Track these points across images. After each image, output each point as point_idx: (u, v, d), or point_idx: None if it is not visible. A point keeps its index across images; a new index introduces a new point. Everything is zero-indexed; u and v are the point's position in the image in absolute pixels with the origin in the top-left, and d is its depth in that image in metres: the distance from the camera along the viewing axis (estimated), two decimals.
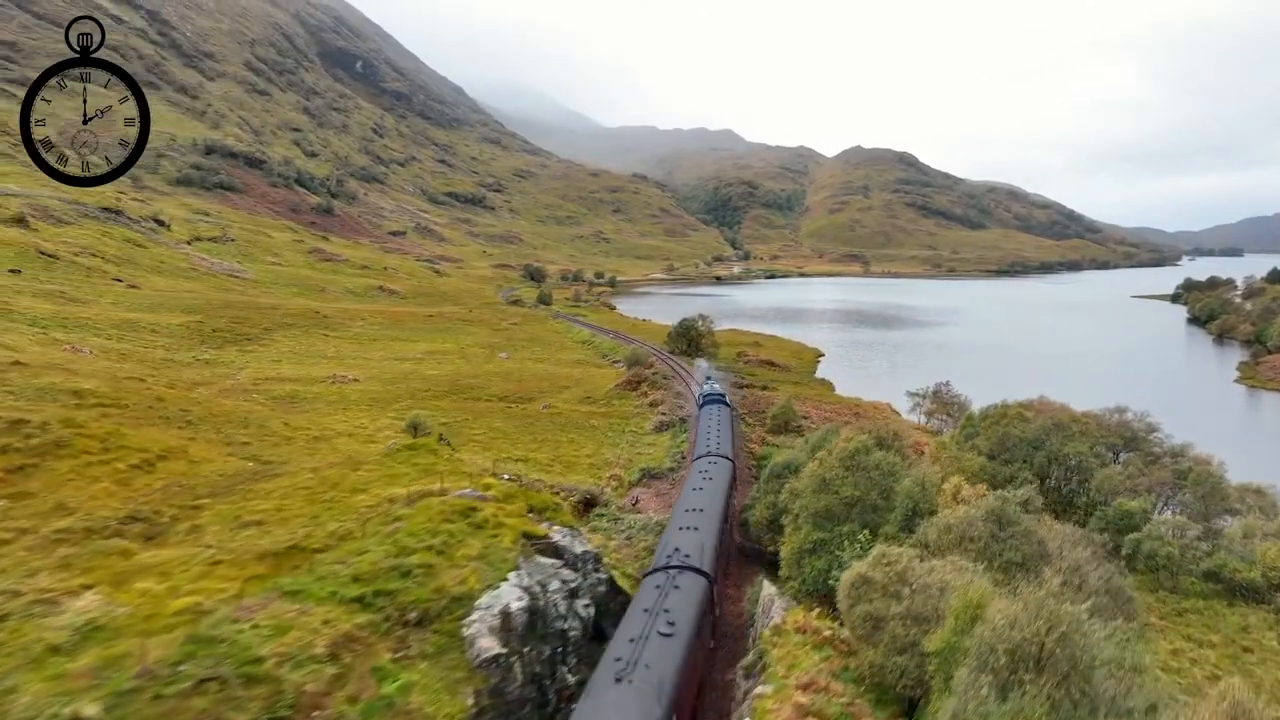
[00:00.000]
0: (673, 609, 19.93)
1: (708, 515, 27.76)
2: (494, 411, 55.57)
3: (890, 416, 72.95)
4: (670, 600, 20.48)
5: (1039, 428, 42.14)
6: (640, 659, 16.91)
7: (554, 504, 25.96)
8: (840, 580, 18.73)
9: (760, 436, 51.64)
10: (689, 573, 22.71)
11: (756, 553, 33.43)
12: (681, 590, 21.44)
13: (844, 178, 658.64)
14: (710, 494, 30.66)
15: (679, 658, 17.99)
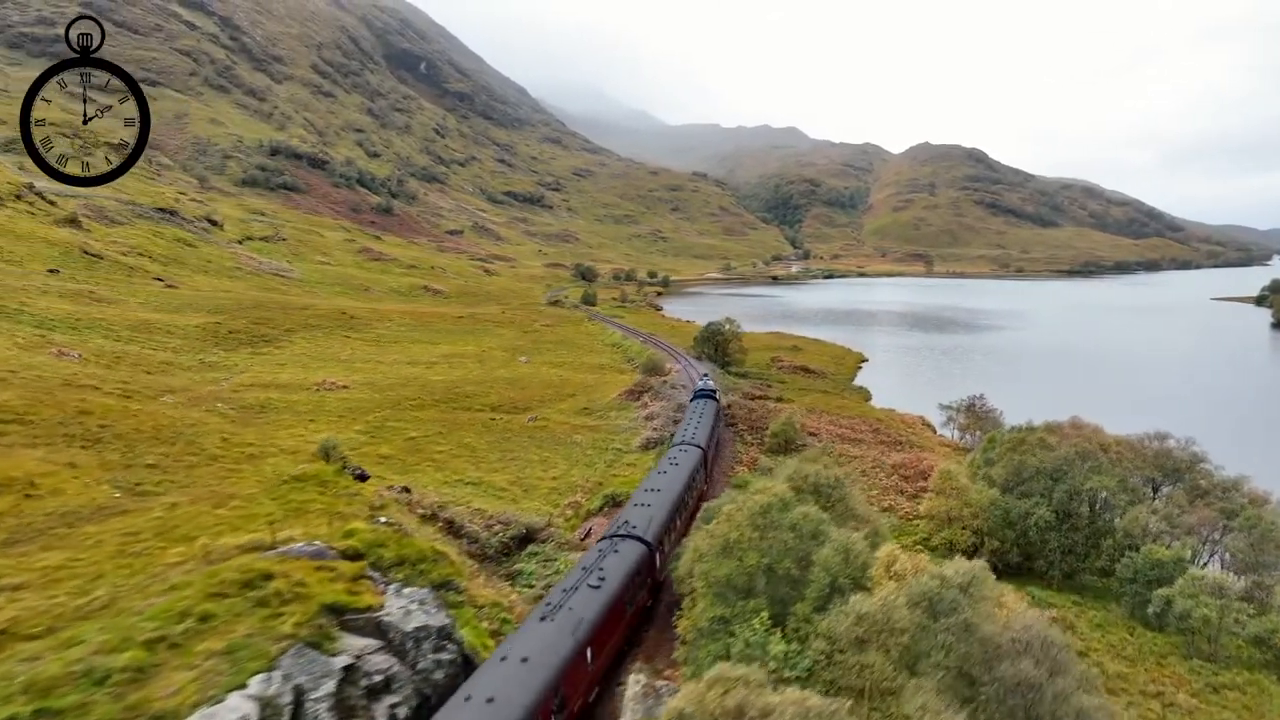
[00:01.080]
0: (606, 568, 23.63)
1: (663, 495, 32.02)
2: (476, 424, 52.02)
3: (920, 432, 67.19)
4: (606, 561, 24.28)
5: (1059, 457, 36.55)
6: (566, 604, 20.77)
7: (429, 555, 22.04)
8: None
9: (752, 459, 46.91)
10: (631, 540, 26.46)
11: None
12: (620, 554, 25.16)
13: (910, 175, 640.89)
14: (672, 478, 34.62)
15: (601, 605, 21.59)
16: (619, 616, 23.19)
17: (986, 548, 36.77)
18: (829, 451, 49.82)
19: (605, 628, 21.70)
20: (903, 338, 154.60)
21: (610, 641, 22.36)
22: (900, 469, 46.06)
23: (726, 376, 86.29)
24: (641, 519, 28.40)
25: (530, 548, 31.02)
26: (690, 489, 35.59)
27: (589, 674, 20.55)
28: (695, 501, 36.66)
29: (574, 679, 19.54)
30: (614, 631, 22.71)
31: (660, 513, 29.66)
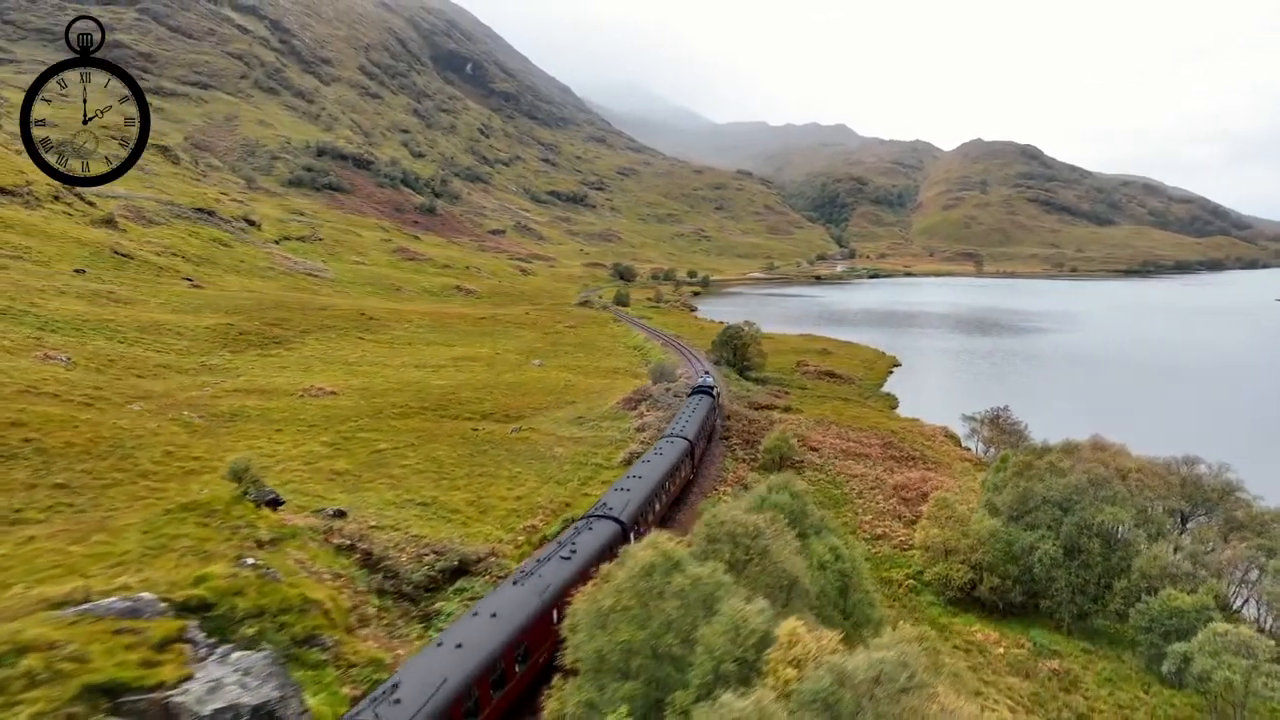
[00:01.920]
0: (578, 543, 26.50)
1: (643, 482, 34.42)
2: (456, 434, 49.35)
3: (939, 446, 62.80)
4: (579, 537, 27.11)
5: (1069, 485, 32.44)
6: (536, 572, 23.61)
7: (296, 605, 19.21)
8: None
9: (738, 477, 43.29)
10: (605, 520, 29.31)
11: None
12: (593, 531, 28.01)
13: (960, 172, 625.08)
14: (654, 466, 36.88)
15: (569, 573, 24.03)
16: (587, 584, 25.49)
17: (986, 584, 32.93)
18: (827, 469, 46.11)
19: (572, 593, 21.91)
20: (941, 340, 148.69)
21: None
22: (902, 490, 42.14)
23: (742, 382, 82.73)
24: (618, 502, 31.56)
25: (461, 582, 28.03)
26: (672, 477, 38.03)
27: (555, 632, 21.69)
28: (678, 489, 39.24)
29: (538, 635, 22.20)
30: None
31: (637, 497, 32.57)
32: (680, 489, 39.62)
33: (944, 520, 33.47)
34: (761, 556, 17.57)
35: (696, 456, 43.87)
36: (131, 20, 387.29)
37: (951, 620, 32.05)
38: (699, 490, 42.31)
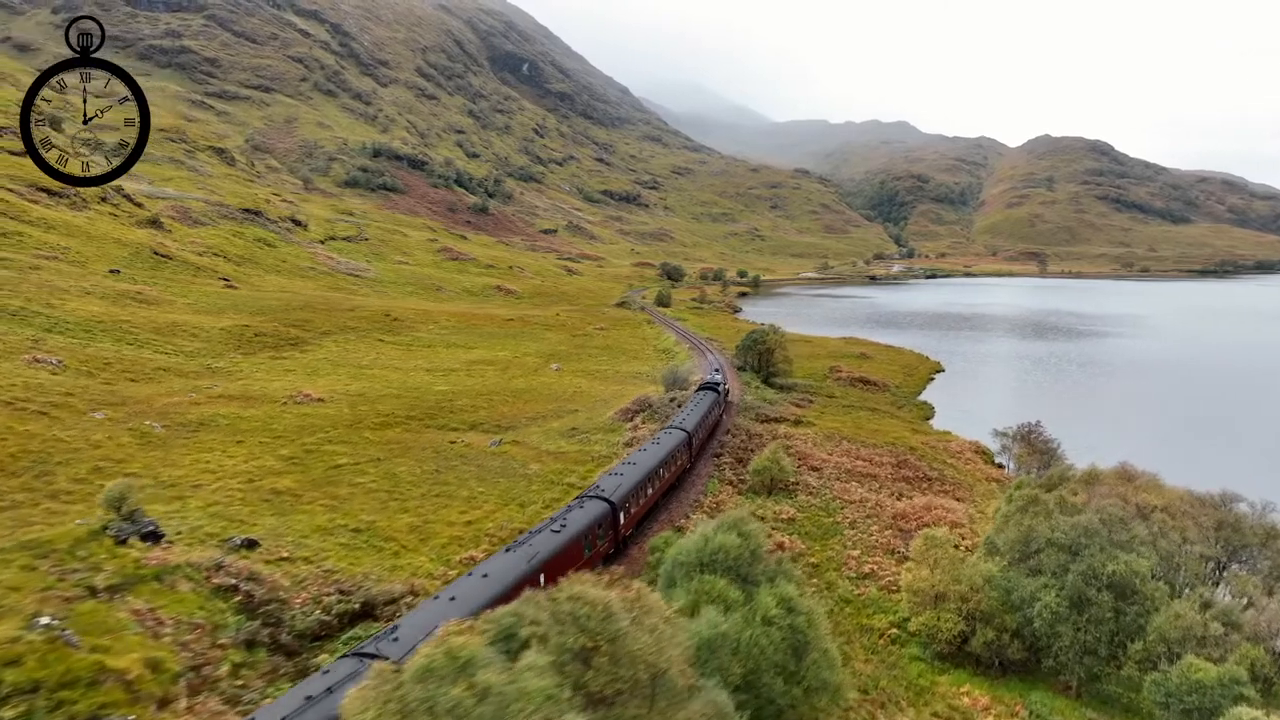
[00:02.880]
0: (569, 519, 29.37)
1: (637, 468, 36.64)
2: (430, 447, 46.49)
3: (967, 464, 57.73)
4: (570, 514, 30.06)
5: (1076, 526, 27.82)
6: (528, 542, 27.23)
7: (85, 677, 16.23)
8: None
9: (716, 503, 39.25)
10: (595, 500, 32.06)
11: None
12: (584, 509, 30.76)
13: (1026, 169, 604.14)
14: (650, 454, 39.32)
15: (558, 545, 27.43)
16: (575, 556, 28.86)
17: (980, 638, 28.52)
18: (823, 493, 41.86)
19: (559, 561, 27.11)
20: (992, 344, 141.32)
21: (564, 573, 24.55)
22: (901, 520, 37.69)
23: (765, 390, 78.45)
24: (610, 484, 34.38)
25: (359, 628, 24.82)
26: (667, 465, 40.73)
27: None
28: (672, 475, 42.21)
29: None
30: (568, 566, 27.01)
31: (629, 481, 35.08)
32: (676, 476, 43.17)
33: (933, 561, 29.15)
34: (612, 643, 13.89)
35: (695, 448, 47.21)
36: (199, 26, 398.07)
37: (936, 680, 27.75)
38: (692, 489, 43.41)
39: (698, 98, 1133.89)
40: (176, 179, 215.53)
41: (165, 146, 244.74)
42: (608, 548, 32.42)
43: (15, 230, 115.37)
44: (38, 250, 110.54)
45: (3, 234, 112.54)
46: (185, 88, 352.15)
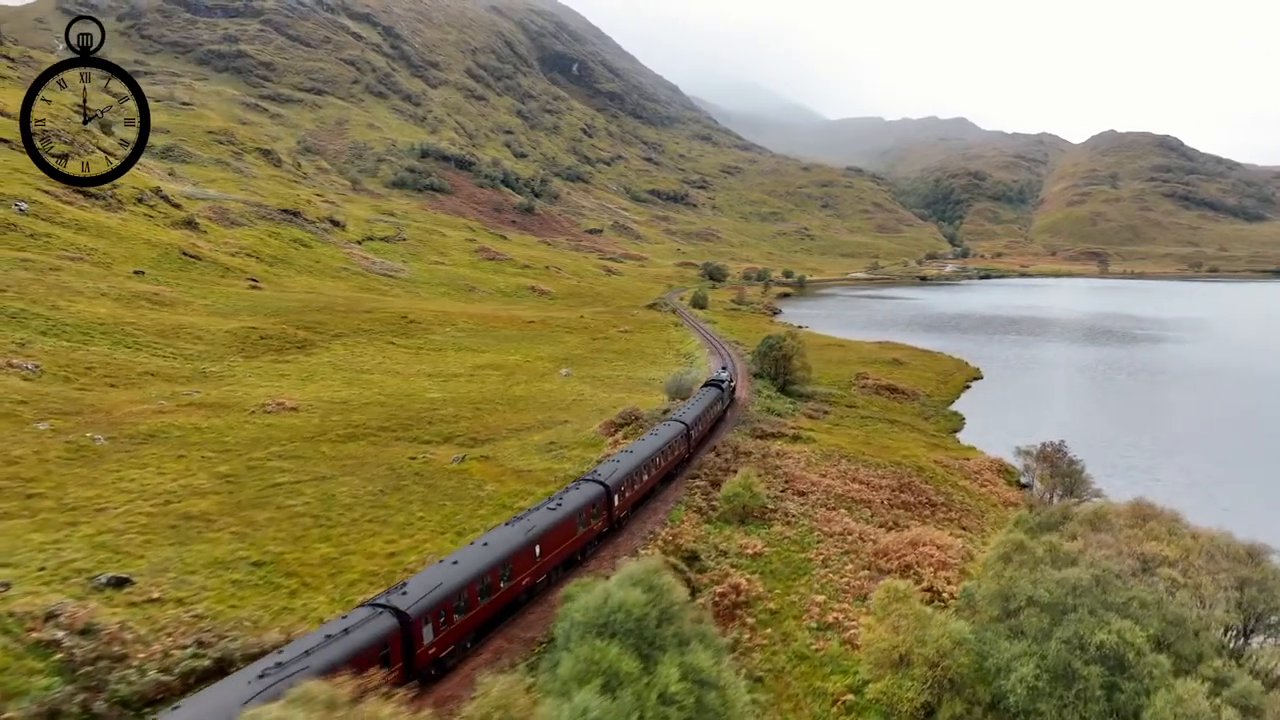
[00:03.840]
0: (564, 499, 33.24)
1: (634, 456, 39.58)
2: (387, 464, 43.47)
3: (984, 486, 52.69)
4: (566, 495, 33.91)
5: (1064, 582, 23.25)
6: (525, 517, 30.90)
7: None
8: None
9: (672, 535, 35.06)
10: (591, 483, 35.56)
11: None
12: (579, 491, 34.52)
13: (1089, 166, 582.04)
14: (647, 444, 42.49)
15: (553, 520, 31.11)
16: (569, 532, 31.95)
17: (946, 711, 24.18)
18: (802, 523, 37.51)
19: (553, 536, 30.59)
20: (1038, 349, 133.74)
21: (559, 547, 31.12)
22: (881, 558, 33.19)
23: (780, 399, 74.02)
24: (606, 470, 37.58)
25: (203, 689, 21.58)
26: (663, 453, 43.57)
27: (536, 563, 29.29)
28: (669, 464, 45.09)
29: (521, 562, 28.34)
30: (562, 541, 31.38)
31: (624, 467, 38.00)
32: (672, 465, 45.85)
33: (894, 619, 24.87)
34: None
35: (694, 440, 50.23)
36: (255, 31, 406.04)
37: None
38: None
39: (752, 96, 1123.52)
40: (220, 180, 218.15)
41: (213, 148, 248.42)
42: (601, 526, 35.54)
43: (45, 232, 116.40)
44: (63, 251, 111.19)
45: (31, 235, 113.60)
46: (241, 91, 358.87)
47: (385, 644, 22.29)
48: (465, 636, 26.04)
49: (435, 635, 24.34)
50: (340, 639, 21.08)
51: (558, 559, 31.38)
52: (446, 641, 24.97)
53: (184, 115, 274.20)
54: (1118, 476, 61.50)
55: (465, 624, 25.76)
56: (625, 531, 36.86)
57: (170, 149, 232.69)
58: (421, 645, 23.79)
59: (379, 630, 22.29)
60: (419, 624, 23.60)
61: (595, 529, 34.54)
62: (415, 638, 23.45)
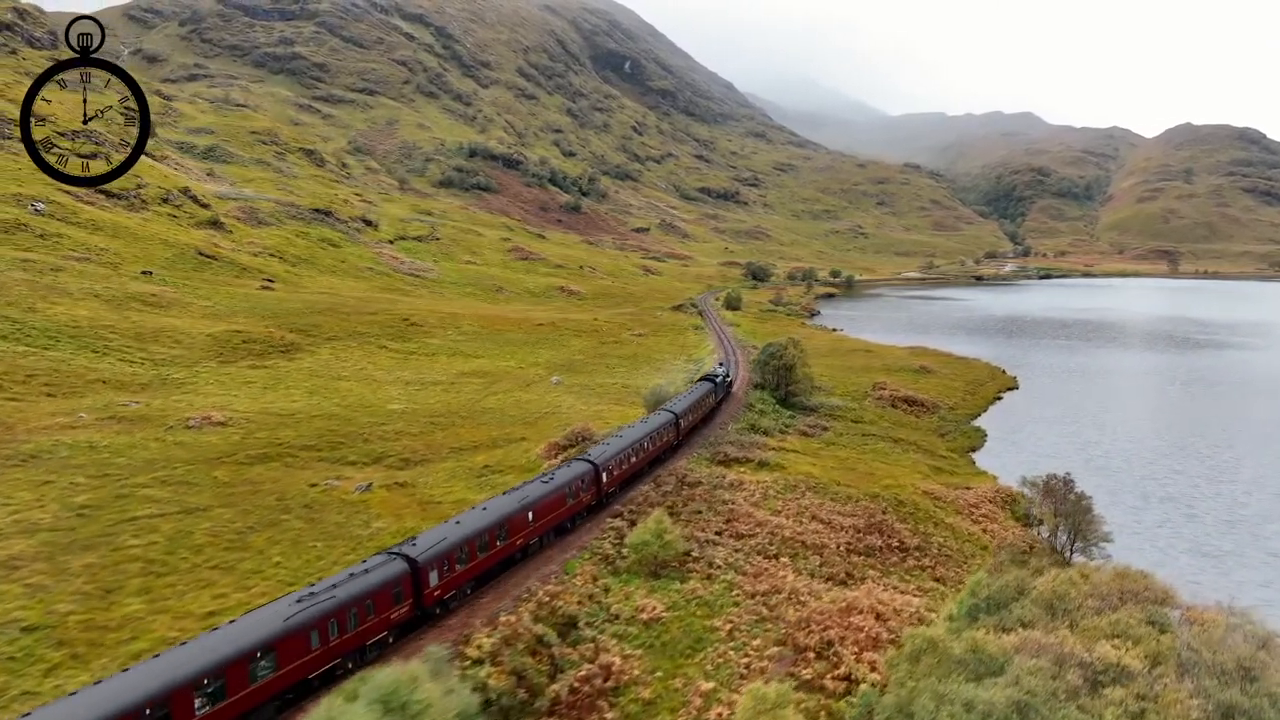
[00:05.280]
0: (556, 475, 37.38)
1: (623, 440, 44.84)
2: (280, 493, 38.90)
3: (978, 522, 45.77)
4: (558, 471, 38.34)
5: (972, 709, 17.09)
6: (521, 489, 35.26)
7: None
8: None
9: (552, 595, 29.21)
10: (581, 461, 40.19)
11: None
12: (570, 468, 38.84)
13: (1162, 160, 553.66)
14: (637, 430, 47.44)
15: (544, 491, 35.17)
16: (560, 503, 36.43)
17: None
18: (725, 577, 31.50)
19: (545, 505, 35.22)
20: (1086, 355, 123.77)
21: (550, 515, 35.70)
22: (804, 629, 26.98)
23: (777, 413, 67.76)
24: (597, 451, 41.77)
25: None
26: (652, 439, 47.55)
27: (529, 527, 33.99)
28: (657, 449, 48.74)
29: (516, 525, 33.03)
30: (553, 510, 35.87)
31: (613, 450, 42.20)
32: (661, 451, 49.62)
33: None
34: None
35: (683, 428, 53.78)
36: (310, 33, 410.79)
37: None
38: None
39: (810, 93, 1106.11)
40: (258, 180, 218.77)
41: (256, 149, 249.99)
42: (590, 499, 39.54)
43: (56, 232, 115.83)
44: (70, 252, 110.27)
45: (41, 235, 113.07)
46: (294, 92, 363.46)
47: (398, 584, 26.72)
48: (466, 584, 30.17)
49: (440, 580, 28.50)
50: (362, 577, 25.77)
51: (549, 525, 35.60)
52: (449, 586, 29.07)
53: (231, 116, 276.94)
54: (1150, 510, 53.98)
55: (465, 573, 29.88)
56: (612, 505, 40.89)
57: (212, 149, 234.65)
58: (428, 587, 27.95)
59: (393, 572, 26.72)
60: (426, 570, 27.83)
61: (584, 501, 38.95)
62: (423, 581, 27.72)
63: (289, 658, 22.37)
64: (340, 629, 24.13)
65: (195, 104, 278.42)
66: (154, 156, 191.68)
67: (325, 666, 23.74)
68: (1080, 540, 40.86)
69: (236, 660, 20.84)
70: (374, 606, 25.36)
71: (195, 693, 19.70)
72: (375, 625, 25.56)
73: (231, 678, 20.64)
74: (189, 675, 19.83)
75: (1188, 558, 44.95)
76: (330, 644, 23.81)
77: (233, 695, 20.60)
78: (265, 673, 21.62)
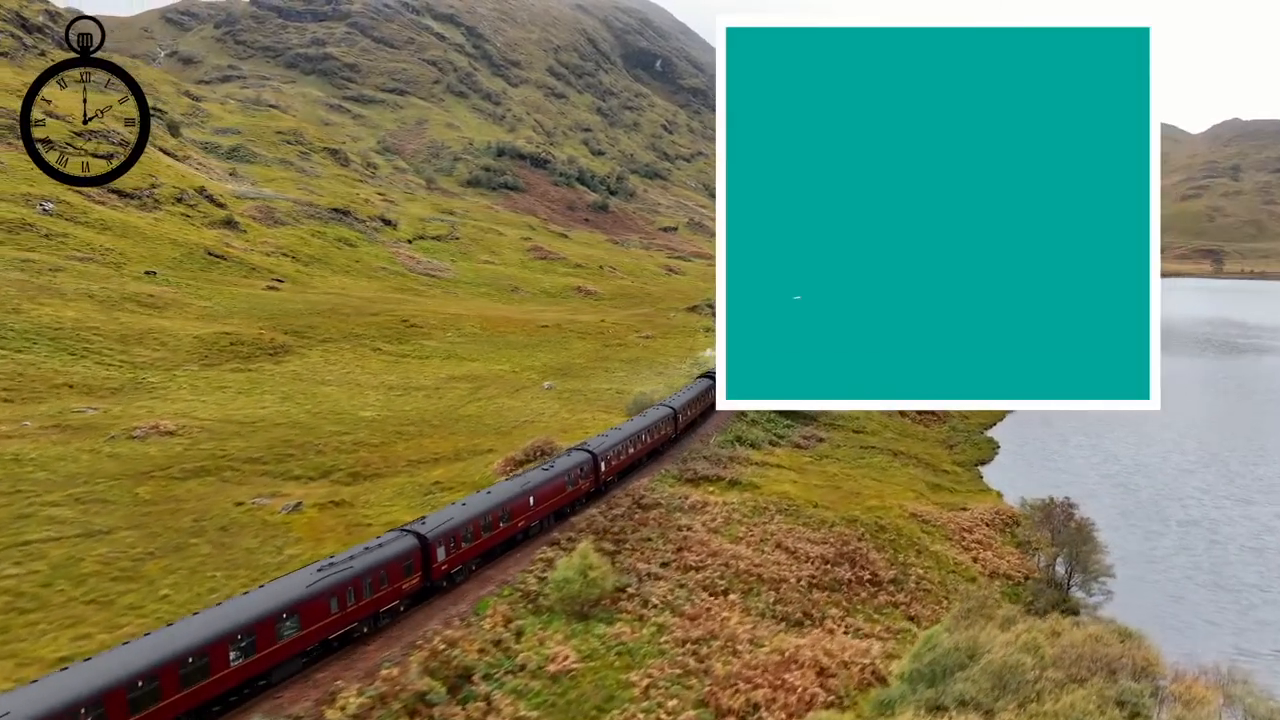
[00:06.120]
0: (556, 464, 40.53)
1: (621, 432, 48.32)
2: (200, 513, 36.20)
3: (969, 550, 41.69)
4: (558, 460, 41.43)
5: None
6: (523, 475, 38.72)
7: None
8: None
9: (450, 642, 25.64)
10: (580, 451, 43.40)
11: None
12: (569, 457, 42.05)
13: (1207, 157, 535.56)
14: (635, 423, 51.31)
15: (545, 478, 38.52)
16: (560, 489, 39.75)
17: None
18: (659, 619, 28.04)
19: (546, 490, 38.37)
20: None
21: (550, 500, 38.74)
22: (727, 688, 23.35)
23: (768, 424, 64.03)
24: (596, 442, 45.54)
25: None
26: (650, 432, 51.01)
27: (530, 510, 36.95)
28: (655, 441, 51.96)
29: (518, 509, 36.13)
30: (553, 495, 39.03)
31: (610, 440, 46.07)
32: (659, 443, 52.92)
33: None
34: None
35: (681, 424, 56.92)
36: (341, 34, 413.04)
37: None
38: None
39: None
40: (280, 180, 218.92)
41: (281, 149, 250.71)
42: (589, 486, 42.79)
43: (62, 231, 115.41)
44: (74, 252, 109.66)
45: (46, 235, 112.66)
46: (325, 93, 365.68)
47: (409, 557, 29.57)
48: (471, 560, 33.19)
49: (447, 555, 31.41)
50: (376, 550, 28.67)
51: (549, 509, 38.84)
52: (455, 561, 32.02)
53: (258, 116, 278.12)
54: (1168, 534, 49.44)
55: (471, 550, 32.90)
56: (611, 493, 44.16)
57: (236, 149, 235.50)
58: (436, 561, 30.80)
59: (404, 546, 29.67)
60: (434, 545, 30.70)
61: (583, 488, 42.13)
62: (431, 555, 30.58)
63: (311, 620, 25.26)
64: (357, 596, 26.98)
65: (225, 105, 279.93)
66: (175, 156, 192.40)
67: (343, 629, 26.71)
68: (1079, 573, 36.69)
69: (266, 620, 23.95)
70: (387, 577, 28.30)
71: (230, 646, 22.84)
72: (388, 594, 28.55)
73: (261, 635, 23.68)
74: (226, 630, 23.00)
75: (1205, 592, 40.54)
76: (348, 609, 26.64)
77: (261, 651, 23.67)
78: (290, 632, 24.61)
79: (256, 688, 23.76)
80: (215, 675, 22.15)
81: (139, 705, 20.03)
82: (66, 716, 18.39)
